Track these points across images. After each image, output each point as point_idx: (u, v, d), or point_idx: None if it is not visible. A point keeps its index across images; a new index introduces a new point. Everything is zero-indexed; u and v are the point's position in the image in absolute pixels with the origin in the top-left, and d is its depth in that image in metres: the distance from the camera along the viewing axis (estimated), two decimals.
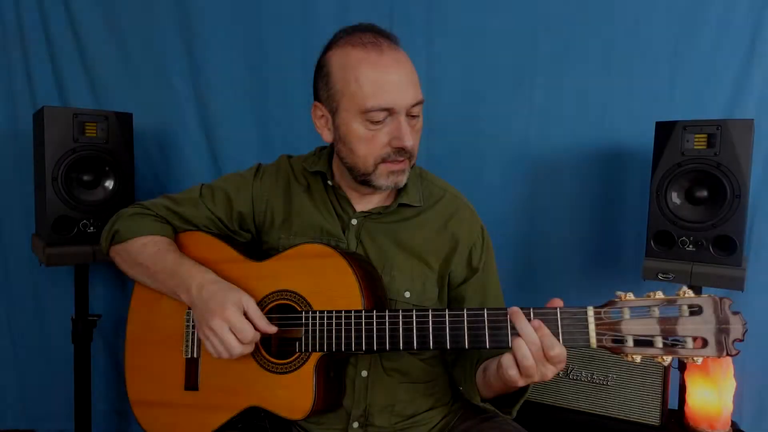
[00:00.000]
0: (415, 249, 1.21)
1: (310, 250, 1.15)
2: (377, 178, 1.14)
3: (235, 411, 1.16)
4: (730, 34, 1.77)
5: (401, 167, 1.14)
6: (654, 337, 0.89)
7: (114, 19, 2.20)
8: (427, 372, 1.25)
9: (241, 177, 1.32)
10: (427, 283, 1.21)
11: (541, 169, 1.97)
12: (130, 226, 1.25)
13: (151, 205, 1.29)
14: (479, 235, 1.26)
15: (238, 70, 2.17)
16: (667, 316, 0.88)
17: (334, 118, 1.16)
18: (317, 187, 1.28)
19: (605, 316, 0.91)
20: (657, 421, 1.48)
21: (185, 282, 1.14)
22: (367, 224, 1.23)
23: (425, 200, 1.25)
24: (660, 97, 1.84)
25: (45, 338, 2.33)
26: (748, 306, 1.80)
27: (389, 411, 1.21)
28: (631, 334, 0.89)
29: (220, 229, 1.29)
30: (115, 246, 1.27)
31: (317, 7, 2.09)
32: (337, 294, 1.10)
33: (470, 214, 1.28)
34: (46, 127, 1.75)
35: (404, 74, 1.10)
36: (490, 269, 1.27)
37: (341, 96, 1.12)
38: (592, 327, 0.92)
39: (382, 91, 1.08)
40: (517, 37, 1.95)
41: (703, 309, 0.87)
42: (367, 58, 1.09)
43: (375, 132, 1.11)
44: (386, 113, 1.09)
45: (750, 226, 1.75)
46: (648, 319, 0.89)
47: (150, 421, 1.25)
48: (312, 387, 1.09)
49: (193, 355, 1.21)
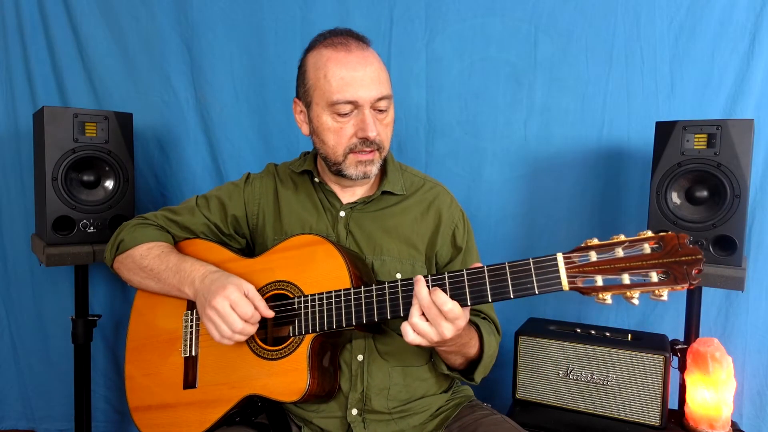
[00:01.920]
0: (401, 233, 1.31)
1: (300, 240, 1.22)
2: (347, 168, 1.25)
3: (232, 402, 1.17)
4: (730, 34, 1.77)
5: (369, 157, 1.24)
6: (620, 273, 0.92)
7: (114, 19, 2.21)
8: (419, 355, 1.30)
9: (233, 185, 1.42)
10: (416, 264, 1.31)
11: (541, 169, 1.97)
12: (133, 234, 1.33)
13: (151, 216, 1.39)
14: (460, 217, 1.37)
15: (238, 70, 2.17)
16: (631, 254, 0.92)
17: (309, 112, 1.27)
18: (304, 186, 1.37)
19: (575, 260, 0.96)
20: (657, 421, 1.48)
21: (189, 275, 1.21)
22: (354, 214, 1.32)
23: (407, 189, 1.36)
24: (660, 97, 1.84)
25: (45, 338, 2.33)
26: (748, 306, 1.80)
27: (385, 395, 1.25)
28: (599, 273, 0.94)
29: (215, 235, 1.38)
30: (119, 255, 1.34)
31: (317, 7, 2.09)
32: (326, 277, 1.16)
33: (450, 199, 1.38)
34: (46, 127, 1.75)
35: (370, 71, 1.21)
36: (473, 249, 1.38)
37: (313, 91, 1.24)
38: (563, 271, 0.97)
39: (346, 86, 1.19)
40: (517, 37, 1.95)
41: (662, 245, 0.90)
42: (335, 57, 1.21)
43: (342, 124, 1.22)
44: (351, 106, 1.20)
45: (750, 226, 1.75)
46: (612, 258, 0.93)
47: (148, 424, 1.26)
48: (306, 368, 1.12)
49: (191, 354, 1.23)
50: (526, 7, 1.94)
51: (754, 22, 1.74)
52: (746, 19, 1.75)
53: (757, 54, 1.74)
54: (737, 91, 1.77)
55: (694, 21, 1.79)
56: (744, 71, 1.76)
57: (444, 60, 2.01)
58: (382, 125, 1.25)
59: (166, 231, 1.36)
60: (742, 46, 1.76)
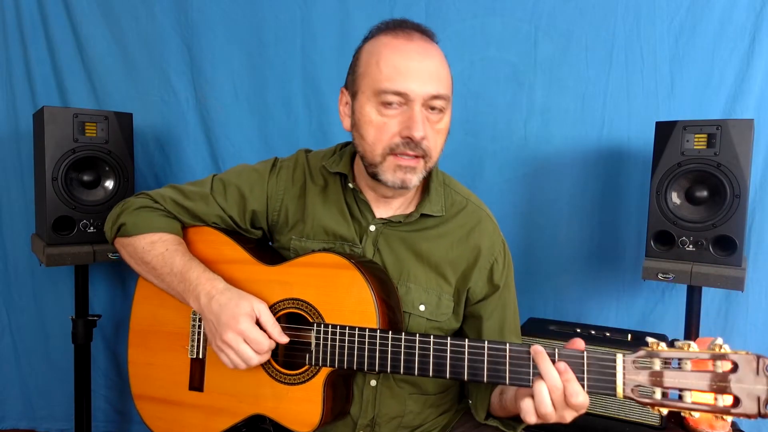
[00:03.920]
0: (432, 261, 1.17)
1: (325, 259, 1.10)
2: (384, 172, 1.08)
3: (240, 417, 1.15)
4: (730, 34, 1.77)
5: (411, 164, 1.06)
6: (683, 391, 0.83)
7: (114, 19, 2.21)
8: (439, 384, 1.22)
9: (257, 173, 1.25)
10: (443, 297, 1.17)
11: (541, 169, 1.97)
12: (136, 221, 1.20)
13: (159, 197, 1.23)
14: (501, 250, 1.21)
15: (238, 70, 2.17)
16: (701, 372, 0.83)
17: (353, 103, 1.11)
18: (335, 188, 1.22)
19: (635, 365, 0.86)
20: (657, 422, 1.48)
21: (195, 289, 1.11)
22: (385, 231, 1.18)
23: (447, 209, 1.20)
24: (660, 97, 1.84)
25: (45, 338, 2.33)
26: (748, 306, 1.80)
27: (397, 423, 1.20)
28: (660, 386, 0.84)
29: (229, 226, 1.25)
30: (120, 239, 1.23)
31: (317, 7, 2.09)
32: (350, 308, 1.06)
33: (493, 228, 1.22)
34: (46, 127, 1.75)
35: (428, 64, 1.06)
36: (510, 286, 1.23)
37: (362, 78, 1.09)
38: (620, 375, 0.86)
39: (399, 75, 1.03)
40: (517, 37, 1.95)
41: (739, 367, 0.81)
42: (393, 43, 1.07)
43: (387, 119, 1.05)
44: (400, 98, 1.04)
45: (750, 226, 1.75)
46: (679, 372, 0.84)
47: (152, 417, 1.24)
48: (321, 402, 1.08)
49: (198, 356, 1.20)
50: (526, 7, 1.94)
51: (754, 22, 1.74)
52: (746, 19, 1.75)
53: (757, 54, 1.74)
54: (737, 91, 1.77)
55: (694, 21, 1.79)
56: (744, 71, 1.76)
57: None
58: (433, 130, 1.07)
59: (174, 218, 1.22)
60: (742, 46, 1.76)
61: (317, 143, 1.33)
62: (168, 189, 1.26)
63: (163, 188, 1.27)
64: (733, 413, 0.81)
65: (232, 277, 1.16)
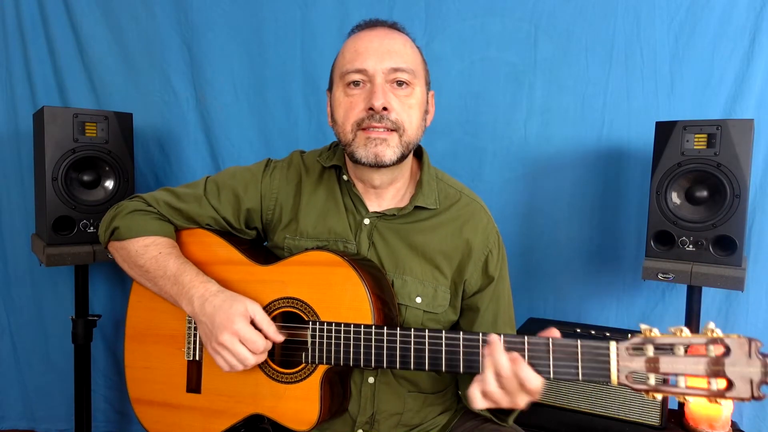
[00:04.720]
0: (428, 253, 1.18)
1: (319, 257, 1.11)
2: (357, 149, 1.11)
3: (238, 417, 1.15)
4: (730, 34, 1.77)
5: (380, 135, 1.09)
6: (677, 376, 0.84)
7: (114, 19, 2.21)
8: (438, 382, 1.23)
9: (250, 173, 1.27)
10: (439, 289, 1.18)
11: (541, 169, 1.97)
12: (130, 224, 1.20)
13: (152, 200, 1.24)
14: (495, 242, 1.22)
15: (238, 70, 2.17)
16: (694, 358, 0.84)
17: (331, 99, 1.18)
18: (330, 184, 1.24)
19: (629, 352, 0.87)
20: (657, 422, 1.48)
21: (188, 292, 1.11)
22: (379, 225, 1.19)
23: (441, 202, 1.21)
24: (660, 97, 1.84)
25: (45, 338, 2.33)
26: (748, 306, 1.80)
27: (396, 420, 1.20)
28: (654, 372, 0.85)
29: (223, 227, 1.25)
30: (114, 242, 1.23)
31: (317, 7, 2.09)
32: (345, 305, 1.07)
33: (487, 219, 1.23)
34: (46, 127, 1.75)
35: (387, 42, 1.11)
36: (504, 277, 1.24)
37: (333, 72, 1.17)
38: (614, 362, 0.87)
39: (358, 55, 1.10)
40: (517, 37, 1.95)
41: (732, 350, 0.82)
42: (357, 35, 1.15)
43: (352, 98, 1.11)
44: (362, 75, 1.10)
45: (750, 226, 1.75)
46: (672, 357, 0.85)
47: (151, 420, 1.24)
48: (318, 399, 1.08)
49: (195, 358, 1.20)
50: (526, 7, 1.94)
51: (754, 22, 1.74)
52: (746, 19, 1.75)
53: (757, 54, 1.74)
54: (737, 91, 1.77)
55: (694, 21, 1.79)
56: (744, 71, 1.76)
57: (444, 60, 2.01)
58: (404, 104, 1.11)
59: (167, 221, 1.23)
60: (742, 46, 1.76)
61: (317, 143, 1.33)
62: (161, 192, 1.27)
63: (157, 191, 1.28)
64: (727, 396, 0.81)
65: (227, 278, 1.16)
